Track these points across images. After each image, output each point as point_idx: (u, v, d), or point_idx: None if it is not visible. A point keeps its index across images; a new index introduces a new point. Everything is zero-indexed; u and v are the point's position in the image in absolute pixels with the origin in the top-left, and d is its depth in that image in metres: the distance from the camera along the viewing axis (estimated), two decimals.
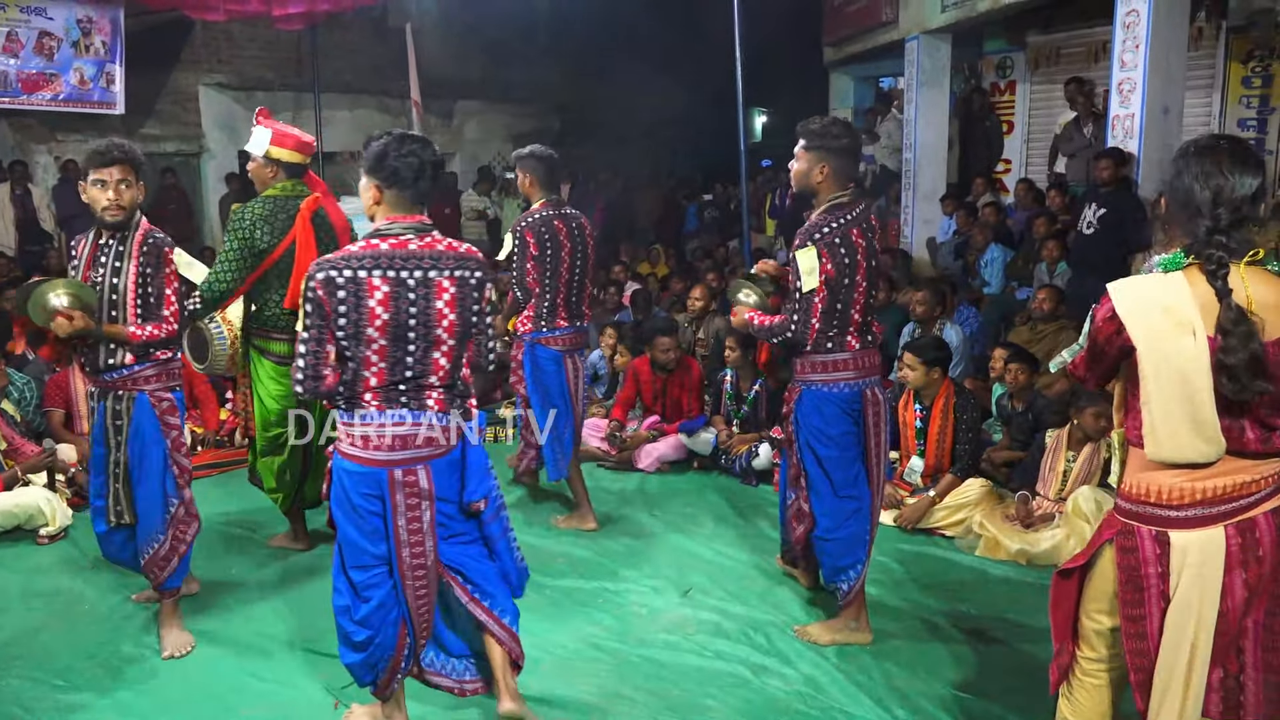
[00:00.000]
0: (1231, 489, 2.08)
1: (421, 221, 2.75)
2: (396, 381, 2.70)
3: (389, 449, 2.71)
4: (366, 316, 2.63)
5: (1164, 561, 2.11)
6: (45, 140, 10.76)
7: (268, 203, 4.20)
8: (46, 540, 4.84)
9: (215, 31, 11.43)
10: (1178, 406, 2.03)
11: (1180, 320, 2.02)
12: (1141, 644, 2.18)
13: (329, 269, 2.63)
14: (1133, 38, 6.82)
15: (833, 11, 11.93)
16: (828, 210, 3.43)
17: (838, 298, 3.43)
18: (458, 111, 14.24)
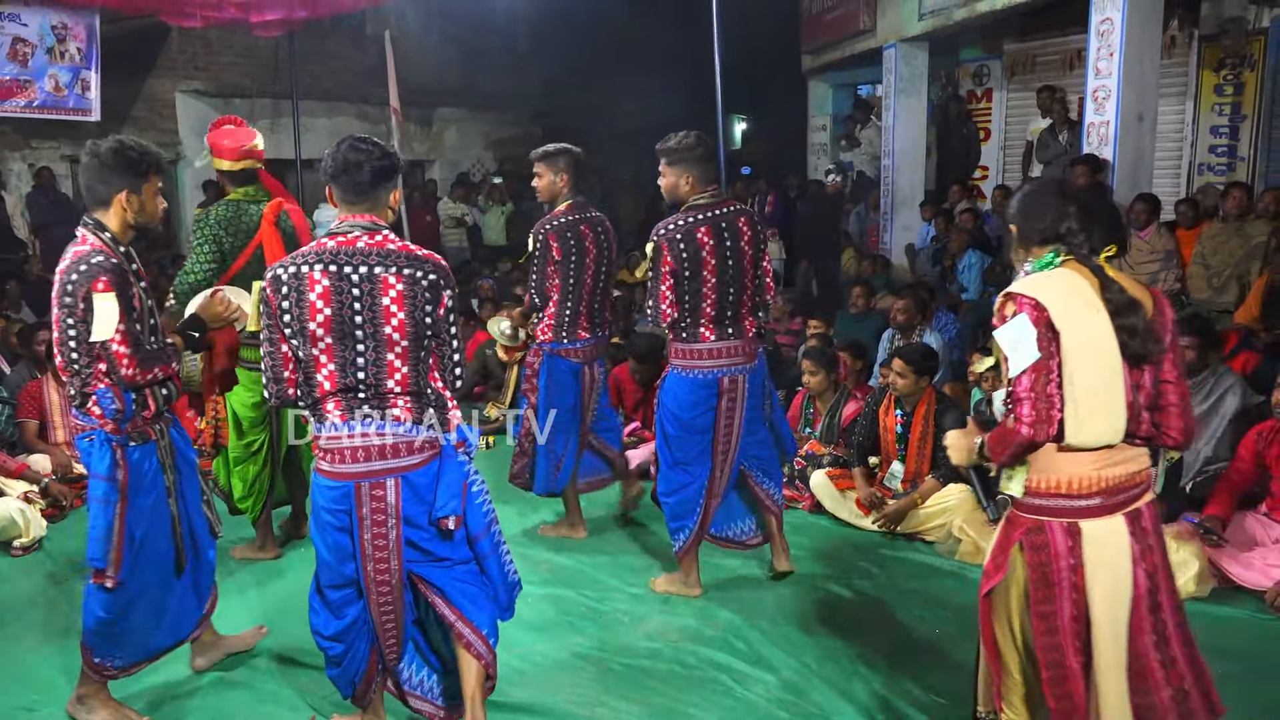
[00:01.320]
0: (1125, 478, 2.27)
1: (373, 220, 2.69)
2: (352, 387, 2.64)
3: (354, 460, 2.65)
4: (308, 311, 2.60)
5: (1076, 553, 2.25)
6: (19, 148, 10.66)
7: (230, 206, 4.19)
8: (21, 552, 4.78)
9: (192, 38, 11.36)
10: (1099, 382, 2.18)
11: (1088, 300, 2.22)
12: (1053, 639, 2.29)
13: (276, 268, 2.65)
14: (1107, 46, 6.90)
15: (811, 20, 12.00)
16: (684, 211, 3.81)
17: (684, 289, 3.78)
18: (437, 119, 14.22)
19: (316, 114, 12.06)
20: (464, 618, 2.86)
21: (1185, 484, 4.78)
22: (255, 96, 12.16)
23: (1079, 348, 2.18)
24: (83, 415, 3.01)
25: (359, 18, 12.54)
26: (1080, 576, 2.25)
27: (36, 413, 5.87)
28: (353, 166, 2.65)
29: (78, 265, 2.90)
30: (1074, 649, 2.30)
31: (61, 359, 2.97)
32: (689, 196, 3.82)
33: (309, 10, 8.40)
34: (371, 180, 2.67)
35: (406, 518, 2.74)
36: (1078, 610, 2.28)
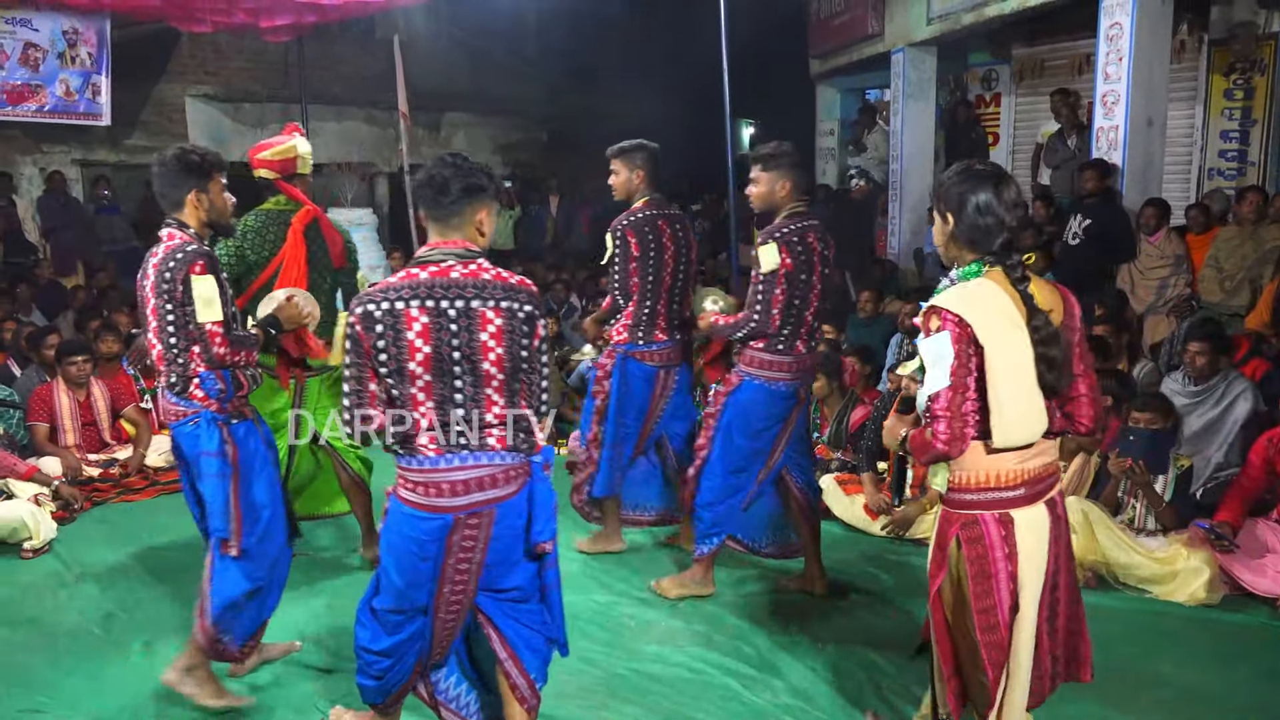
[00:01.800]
0: (1043, 469, 2.44)
1: (465, 247, 2.57)
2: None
3: (453, 494, 2.55)
4: (406, 351, 2.48)
5: (1010, 541, 2.39)
6: (30, 152, 10.71)
7: (260, 215, 4.18)
8: (31, 554, 4.79)
9: (202, 43, 11.40)
10: (1021, 391, 2.33)
11: (1009, 317, 2.34)
12: (995, 635, 2.42)
13: (366, 303, 2.50)
14: (1116, 50, 6.88)
15: (819, 24, 12.00)
16: (788, 216, 3.78)
17: (795, 293, 3.72)
18: (445, 123, 14.25)
19: (325, 118, 12.10)
20: (516, 658, 2.79)
21: (1196, 490, 4.76)
22: (264, 101, 12.20)
23: (1001, 361, 2.30)
24: (183, 400, 3.18)
25: (368, 23, 12.57)
26: (1014, 565, 2.40)
27: (47, 416, 5.89)
28: (440, 184, 2.54)
29: (174, 254, 3.10)
30: (1008, 638, 2.42)
31: (160, 347, 3.15)
32: (785, 204, 3.80)
33: (318, 15, 8.43)
34: (460, 198, 2.55)
35: (494, 548, 2.66)
36: (1013, 600, 2.41)
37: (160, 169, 3.22)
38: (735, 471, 3.95)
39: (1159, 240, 6.71)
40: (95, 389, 6.07)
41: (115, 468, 5.91)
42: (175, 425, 3.23)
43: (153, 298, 3.12)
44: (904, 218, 10.27)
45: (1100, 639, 3.80)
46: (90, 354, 6.09)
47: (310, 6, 7.94)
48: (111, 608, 4.23)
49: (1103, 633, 3.86)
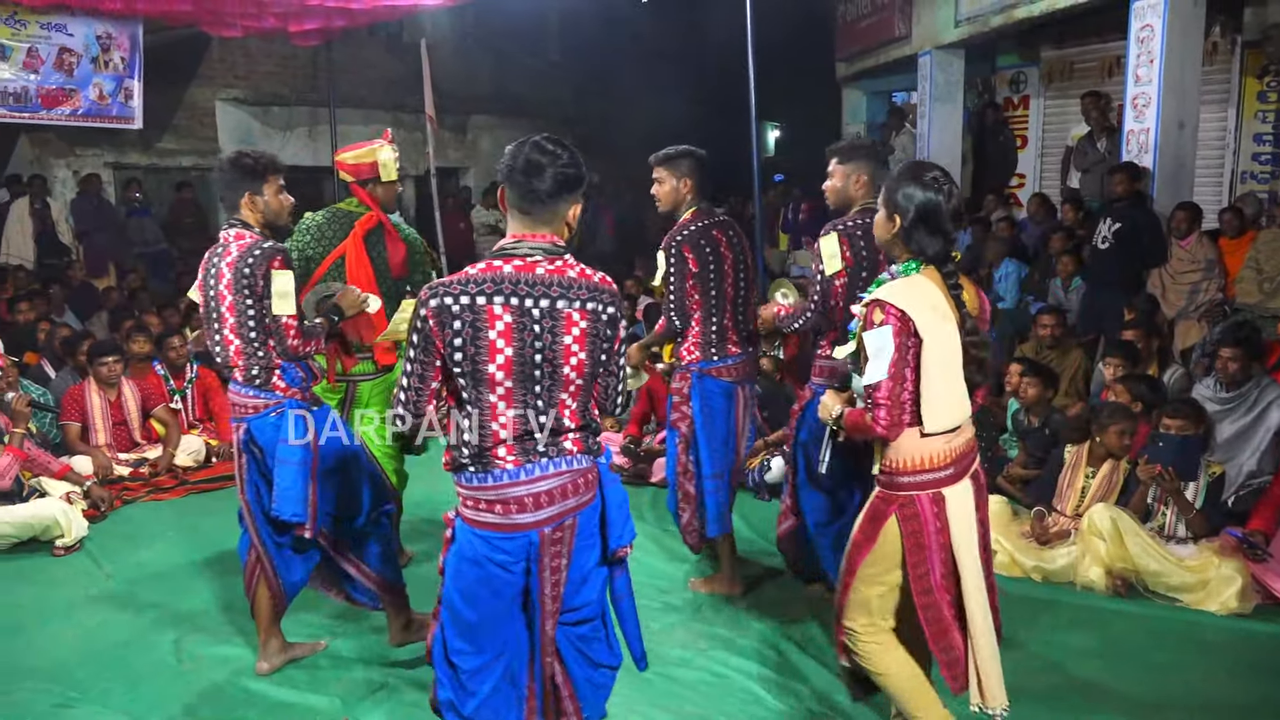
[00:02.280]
0: (965, 447, 2.65)
1: (553, 242, 2.34)
2: (529, 431, 2.31)
3: (536, 507, 2.32)
4: (486, 351, 2.25)
5: (942, 517, 2.59)
6: (64, 155, 10.87)
7: (327, 213, 4.25)
8: (63, 552, 4.86)
9: (232, 47, 11.53)
10: (949, 380, 2.54)
11: (942, 312, 2.55)
12: (929, 598, 2.63)
13: (443, 294, 2.25)
14: (1147, 52, 6.81)
15: (845, 27, 11.96)
16: (859, 211, 3.57)
17: (856, 289, 3.43)
18: (471, 126, 14.32)
19: (353, 121, 12.18)
20: (575, 697, 2.55)
21: (1228, 498, 4.70)
22: (293, 104, 12.31)
23: (935, 353, 2.51)
24: (264, 392, 3.34)
25: (395, 27, 12.67)
26: (946, 536, 2.61)
27: (79, 416, 5.98)
28: (534, 169, 2.28)
29: (252, 250, 3.27)
30: (947, 603, 2.64)
31: (239, 342, 3.31)
32: (860, 199, 3.60)
33: (347, 19, 8.50)
34: (553, 189, 2.30)
35: (573, 571, 2.43)
36: (946, 569, 2.62)
37: (219, 173, 3.40)
38: (837, 488, 3.61)
39: (1190, 244, 6.63)
40: (126, 389, 6.15)
41: (145, 467, 5.98)
42: (254, 418, 3.35)
43: (230, 294, 3.27)
44: None
45: (1129, 648, 3.78)
46: (121, 354, 6.17)
47: (339, 11, 8.00)
48: (141, 604, 4.28)
49: (1131, 642, 3.83)
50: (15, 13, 8.02)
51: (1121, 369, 5.22)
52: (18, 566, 4.74)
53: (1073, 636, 3.87)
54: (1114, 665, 3.65)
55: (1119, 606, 4.14)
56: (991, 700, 2.66)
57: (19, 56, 8.15)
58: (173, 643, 3.91)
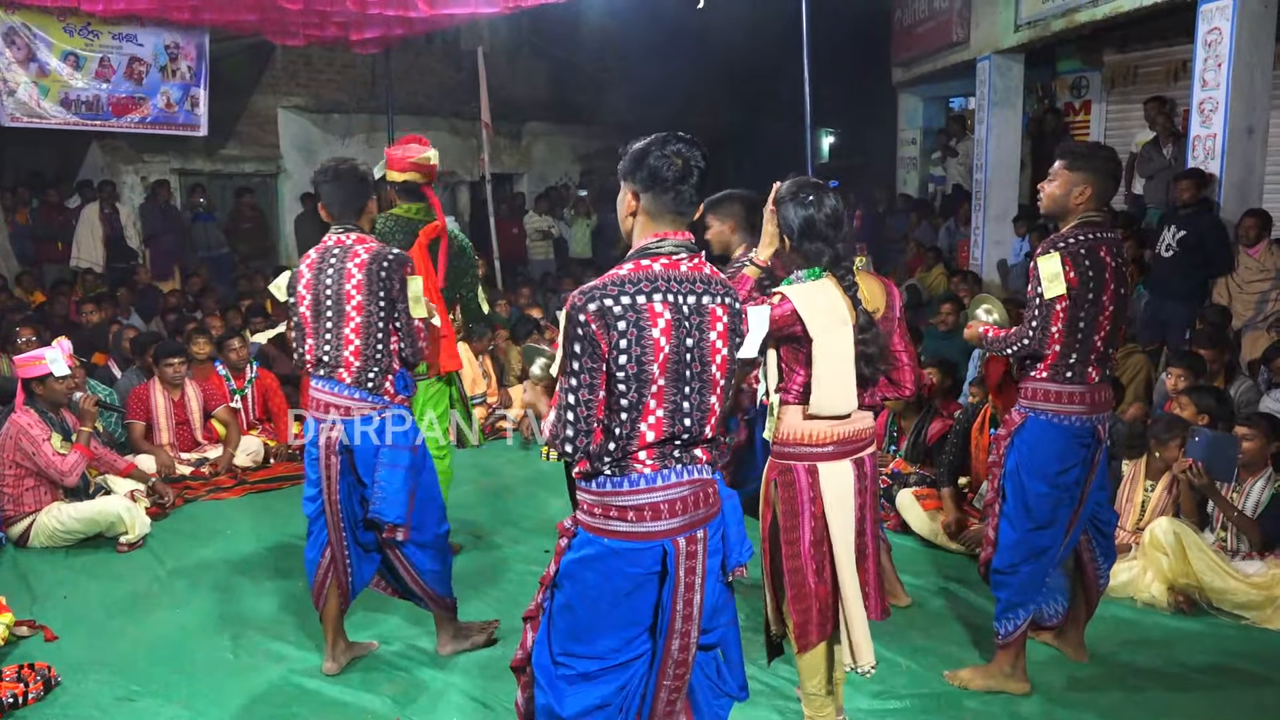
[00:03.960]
0: (853, 434, 2.94)
1: (690, 240, 2.29)
2: (675, 434, 2.23)
3: (670, 515, 2.23)
4: (651, 350, 2.16)
5: (815, 487, 2.89)
6: (132, 161, 11.19)
7: (388, 220, 4.30)
8: (126, 548, 4.99)
9: (294, 56, 11.78)
10: (836, 376, 2.84)
11: (839, 315, 2.84)
12: (797, 562, 2.92)
13: (601, 297, 2.14)
14: (1215, 57, 6.65)
15: (902, 32, 11.85)
16: (1078, 225, 3.29)
17: (1080, 314, 3.23)
18: (526, 133, 14.45)
19: (410, 128, 12.29)
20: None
21: None
22: (352, 112, 12.54)
23: (827, 353, 2.81)
24: (373, 395, 3.43)
25: (453, 35, 12.84)
26: (818, 507, 2.89)
27: (144, 415, 6.13)
28: (686, 172, 2.23)
29: (385, 255, 3.42)
30: (812, 570, 2.91)
31: (361, 342, 3.39)
32: (1079, 212, 3.30)
33: (406, 28, 8.64)
34: (698, 191, 2.26)
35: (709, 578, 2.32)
36: (815, 536, 2.90)
37: (337, 179, 3.47)
38: (1038, 527, 3.37)
39: (1259, 253, 6.45)
40: (189, 390, 6.30)
41: (206, 466, 6.12)
42: (350, 420, 3.40)
43: (359, 294, 3.38)
44: (987, 228, 10.05)
45: (1193, 667, 3.68)
46: (185, 356, 6.33)
47: (398, 19, 8.13)
48: (201, 600, 4.38)
49: (1195, 661, 3.73)
50: (89, 24, 8.29)
51: (1185, 380, 5.09)
52: (83, 562, 4.88)
53: (1134, 655, 3.78)
54: (1177, 684, 3.56)
55: (1182, 624, 4.03)
56: (861, 660, 2.90)
57: (92, 66, 8.43)
58: (230, 639, 3.99)
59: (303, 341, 3.51)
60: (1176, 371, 5.19)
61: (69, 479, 5.02)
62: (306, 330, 3.49)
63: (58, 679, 3.60)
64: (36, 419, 5.02)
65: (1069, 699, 3.44)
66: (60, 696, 3.54)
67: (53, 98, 8.26)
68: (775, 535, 2.97)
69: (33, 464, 4.97)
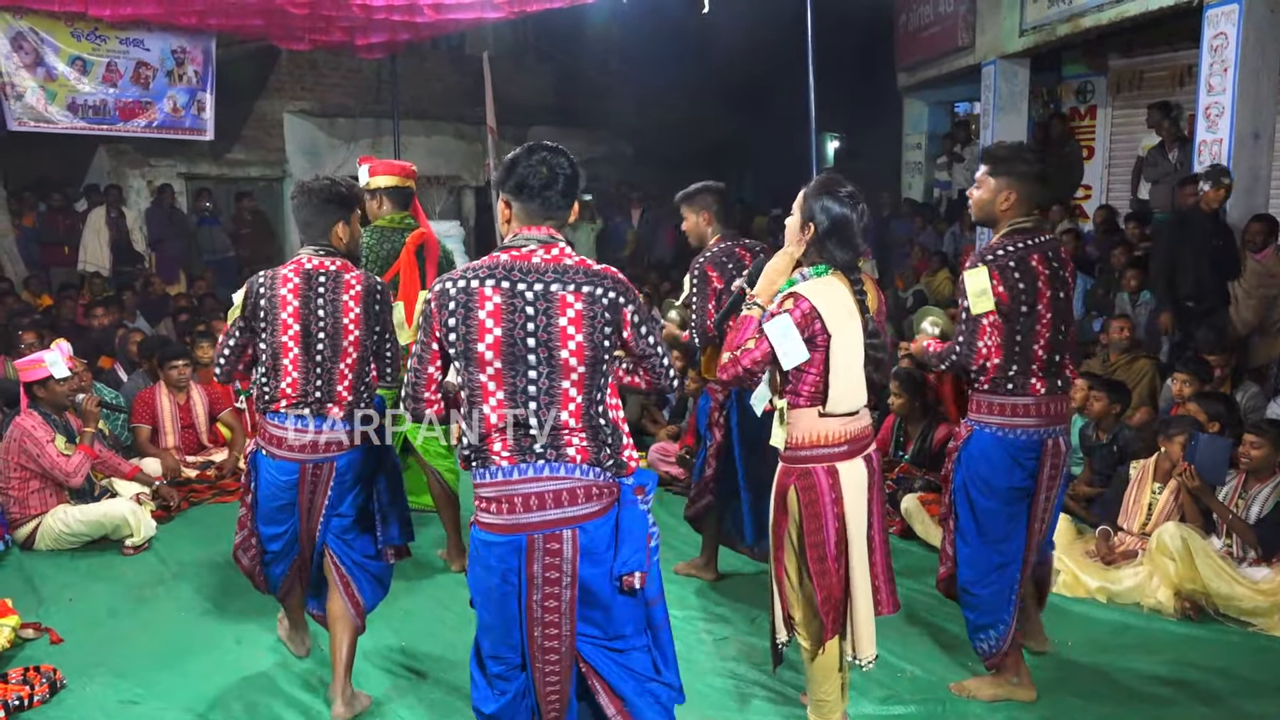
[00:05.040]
0: (861, 431, 2.95)
1: (550, 233, 2.42)
2: (522, 421, 2.34)
3: (525, 509, 2.35)
4: (476, 330, 2.34)
5: (836, 488, 2.89)
6: (139, 165, 11.21)
7: (374, 232, 4.33)
8: (132, 551, 5.00)
9: (300, 60, 11.80)
10: (849, 370, 2.85)
11: (848, 310, 2.86)
12: (823, 565, 2.90)
13: (445, 281, 2.41)
14: (1220, 61, 6.64)
15: (906, 36, 11.84)
16: (1007, 234, 3.25)
17: (1015, 327, 3.19)
18: (531, 137, 14.32)
19: (416, 132, 12.40)
20: (627, 715, 2.49)
21: None
22: (358, 116, 12.56)
23: (840, 346, 2.83)
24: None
25: (458, 39, 12.86)
26: (840, 507, 2.90)
27: (149, 419, 6.14)
28: (549, 181, 2.40)
29: (375, 286, 3.33)
30: (835, 570, 2.92)
31: (353, 377, 3.26)
32: (1004, 217, 3.28)
33: (411, 33, 8.66)
34: (563, 195, 2.43)
35: (582, 580, 2.40)
36: (839, 537, 2.90)
37: (307, 198, 3.28)
38: (992, 542, 3.34)
39: (1266, 258, 6.42)
40: (194, 393, 6.31)
41: (211, 470, 6.13)
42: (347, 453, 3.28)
43: (357, 330, 3.24)
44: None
45: (1199, 674, 3.66)
46: (190, 359, 6.34)
47: (403, 24, 8.15)
48: (205, 604, 4.38)
49: (1202, 667, 3.71)
50: (96, 28, 8.32)
51: (1190, 385, 5.08)
52: (89, 564, 4.88)
53: (1140, 660, 3.76)
54: (1183, 691, 3.54)
55: (1188, 630, 4.02)
56: (862, 652, 2.96)
57: (99, 71, 8.46)
58: (235, 642, 3.99)
59: (276, 375, 3.20)
60: (1182, 377, 5.18)
61: (74, 480, 5.03)
62: (287, 361, 3.20)
63: (63, 681, 3.61)
64: (40, 421, 5.04)
65: (1073, 705, 3.43)
66: (65, 699, 3.54)
67: (60, 102, 8.30)
68: (794, 541, 2.96)
69: (37, 466, 4.99)
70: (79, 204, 10.63)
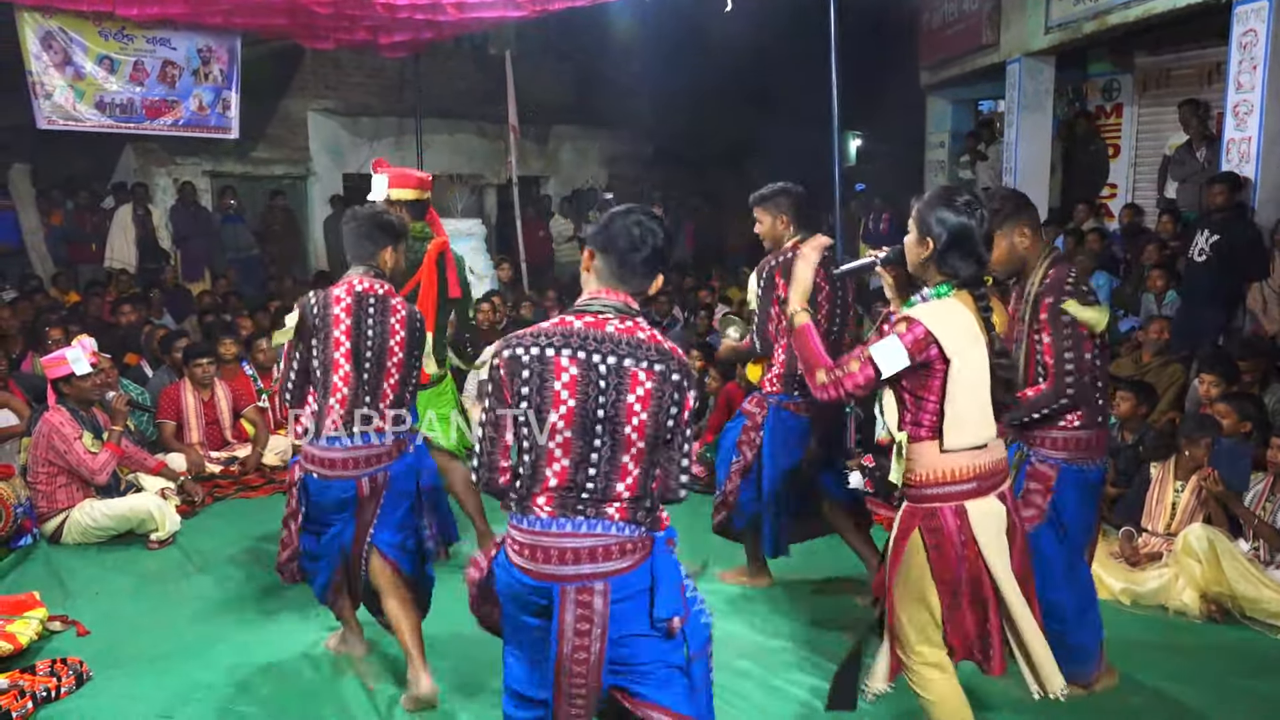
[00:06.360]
0: (994, 465, 2.67)
1: (627, 303, 2.37)
2: (579, 484, 2.32)
3: (560, 561, 2.31)
4: (550, 400, 2.30)
5: (965, 530, 2.62)
6: (165, 163, 11.33)
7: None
8: (156, 545, 5.05)
9: (324, 59, 11.88)
10: (974, 400, 2.60)
11: (973, 335, 2.59)
12: (955, 599, 2.66)
13: (515, 345, 2.32)
14: (1250, 59, 6.56)
15: (930, 34, 11.78)
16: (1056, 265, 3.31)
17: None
18: (552, 136, 14.49)
19: (438, 131, 12.45)
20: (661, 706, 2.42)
21: None
22: (381, 115, 12.63)
23: (963, 375, 2.57)
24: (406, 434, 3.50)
25: (481, 39, 12.91)
26: (971, 550, 2.63)
27: (175, 414, 6.21)
28: (637, 243, 2.35)
29: (416, 314, 3.51)
30: (968, 601, 2.68)
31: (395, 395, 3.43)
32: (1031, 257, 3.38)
33: (434, 32, 8.69)
34: (646, 263, 2.37)
35: (614, 633, 2.36)
36: (974, 571, 2.64)
37: (357, 223, 3.48)
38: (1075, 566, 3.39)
39: None
40: (219, 390, 6.37)
41: (235, 465, 6.18)
42: (396, 461, 3.43)
43: (401, 351, 3.42)
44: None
45: (1225, 677, 3.62)
46: (215, 356, 6.40)
47: (427, 24, 8.18)
48: (229, 597, 4.43)
49: (1227, 670, 3.68)
50: (124, 28, 8.41)
51: (1217, 387, 5.02)
52: (114, 558, 4.94)
53: (1165, 663, 3.73)
54: (1209, 694, 3.50)
55: (1214, 633, 3.98)
56: (1051, 686, 2.73)
57: (126, 70, 8.54)
58: (258, 635, 4.03)
59: (326, 392, 3.33)
60: (1209, 378, 5.12)
61: (99, 477, 5.09)
62: (337, 378, 3.33)
63: (89, 673, 3.66)
64: (68, 418, 5.10)
65: (1098, 704, 3.40)
66: (91, 690, 3.59)
67: (88, 101, 8.38)
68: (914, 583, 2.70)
69: (64, 462, 5.05)
70: (106, 202, 10.75)
